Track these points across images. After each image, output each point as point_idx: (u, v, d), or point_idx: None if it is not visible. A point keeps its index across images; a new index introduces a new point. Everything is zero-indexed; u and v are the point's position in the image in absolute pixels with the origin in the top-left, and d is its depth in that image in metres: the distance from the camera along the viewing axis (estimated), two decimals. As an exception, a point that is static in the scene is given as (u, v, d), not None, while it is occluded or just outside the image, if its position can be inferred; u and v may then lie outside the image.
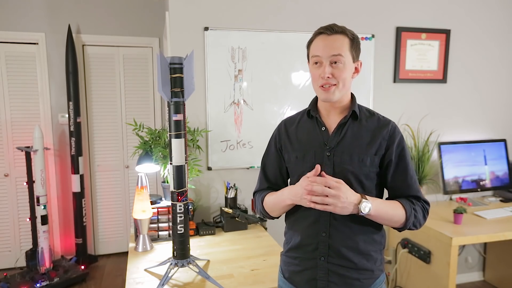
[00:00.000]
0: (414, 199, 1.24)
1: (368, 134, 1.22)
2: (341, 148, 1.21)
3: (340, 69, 1.17)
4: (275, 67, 2.48)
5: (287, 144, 1.32)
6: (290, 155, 1.30)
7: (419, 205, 1.24)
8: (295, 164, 1.28)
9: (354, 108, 1.23)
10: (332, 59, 1.17)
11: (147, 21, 3.62)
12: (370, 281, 1.23)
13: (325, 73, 1.17)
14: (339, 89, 1.19)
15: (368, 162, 1.19)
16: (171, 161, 1.62)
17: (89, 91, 3.57)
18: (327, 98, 1.20)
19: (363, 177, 1.20)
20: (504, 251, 3.00)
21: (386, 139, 1.21)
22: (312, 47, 1.22)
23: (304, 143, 1.27)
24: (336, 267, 1.21)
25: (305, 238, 1.25)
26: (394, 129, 1.23)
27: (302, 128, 1.31)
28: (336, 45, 1.17)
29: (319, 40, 1.20)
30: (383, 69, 2.73)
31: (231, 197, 2.29)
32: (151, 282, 1.62)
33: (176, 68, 1.57)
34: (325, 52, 1.17)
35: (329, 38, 1.18)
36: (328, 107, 1.25)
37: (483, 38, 2.93)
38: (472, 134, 3.00)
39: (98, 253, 3.74)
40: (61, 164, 3.55)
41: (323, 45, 1.18)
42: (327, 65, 1.17)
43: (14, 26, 3.30)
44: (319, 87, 1.20)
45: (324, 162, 1.21)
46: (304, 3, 2.50)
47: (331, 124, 1.25)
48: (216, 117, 2.41)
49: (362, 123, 1.24)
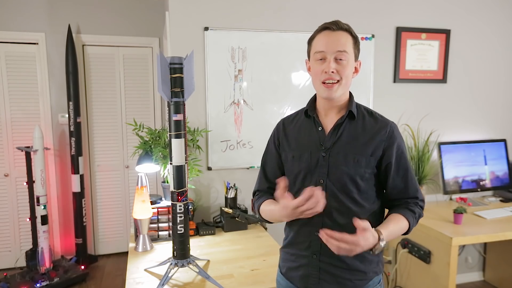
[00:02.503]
0: (412, 201, 1.25)
1: (365, 134, 1.20)
2: (336, 148, 1.20)
3: (344, 65, 1.16)
4: (275, 67, 2.48)
5: (284, 143, 1.32)
6: (287, 154, 1.30)
7: (418, 209, 1.24)
8: (291, 164, 1.28)
9: (351, 108, 1.22)
10: (337, 55, 1.16)
11: (147, 21, 3.62)
12: (363, 283, 1.23)
13: (330, 68, 1.15)
14: (342, 86, 1.18)
15: (364, 163, 1.18)
16: (171, 161, 1.62)
17: (89, 91, 3.57)
18: (329, 95, 1.18)
19: (358, 178, 1.19)
20: (504, 251, 3.00)
21: (384, 140, 1.20)
22: (316, 43, 1.20)
23: (301, 142, 1.27)
24: (328, 266, 1.21)
25: (300, 235, 1.26)
26: (393, 130, 1.22)
27: (300, 128, 1.30)
28: (341, 42, 1.16)
29: (324, 35, 1.18)
30: (383, 69, 2.73)
31: (231, 197, 2.29)
32: (151, 282, 1.62)
33: (176, 68, 1.57)
34: (330, 48, 1.16)
35: (334, 34, 1.17)
36: (327, 106, 1.24)
37: (483, 38, 2.93)
38: (472, 134, 3.00)
39: (98, 253, 3.74)
40: (61, 164, 3.55)
41: (328, 41, 1.16)
42: (331, 60, 1.16)
43: (14, 26, 3.30)
44: (321, 83, 1.19)
45: (320, 163, 1.21)
46: (304, 3, 2.50)
47: (328, 124, 1.25)
48: (216, 117, 2.41)
49: (359, 123, 1.23)
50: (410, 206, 1.24)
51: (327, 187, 1.20)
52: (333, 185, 1.20)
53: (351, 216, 1.17)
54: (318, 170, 1.21)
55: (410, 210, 1.23)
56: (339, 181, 1.19)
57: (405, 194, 1.25)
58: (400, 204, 1.27)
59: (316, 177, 1.22)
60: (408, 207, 1.24)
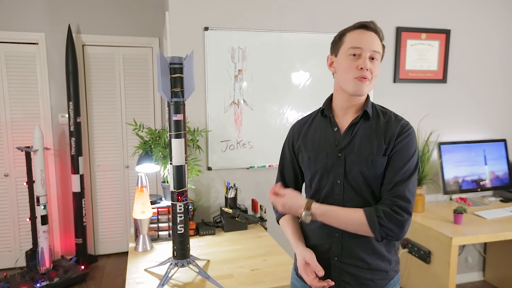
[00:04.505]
0: (387, 203, 1.13)
1: (379, 134, 1.19)
2: (351, 148, 1.20)
3: (376, 65, 1.18)
4: (275, 67, 2.48)
5: (301, 145, 1.32)
6: (303, 155, 1.30)
7: (387, 209, 1.11)
8: (308, 165, 1.29)
9: (366, 108, 1.21)
10: (372, 55, 1.16)
11: (147, 21, 3.62)
12: (384, 282, 1.22)
13: (366, 65, 1.15)
14: (371, 85, 1.19)
15: (378, 163, 1.17)
16: (171, 161, 1.62)
17: (89, 91, 3.57)
18: (358, 91, 1.17)
19: (374, 178, 1.18)
20: (504, 251, 3.00)
21: (395, 136, 1.18)
22: (351, 38, 1.19)
23: (317, 143, 1.27)
24: (350, 267, 1.21)
25: (318, 238, 1.25)
26: (403, 128, 1.18)
27: (316, 128, 1.30)
28: (376, 42, 1.17)
29: (360, 33, 1.18)
30: (383, 69, 2.73)
31: (231, 197, 2.29)
32: (151, 282, 1.62)
33: (176, 68, 1.57)
34: (367, 45, 1.16)
35: (370, 33, 1.17)
36: (345, 105, 1.23)
37: (483, 38, 2.93)
38: (472, 134, 3.00)
39: (98, 253, 3.74)
40: (61, 164, 3.55)
41: (365, 38, 1.17)
42: (367, 57, 1.16)
43: (14, 26, 3.30)
44: (353, 78, 1.17)
45: (336, 163, 1.21)
46: (304, 3, 2.50)
47: (343, 124, 1.25)
48: (216, 117, 2.41)
49: (373, 123, 1.21)
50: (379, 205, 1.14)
51: (345, 187, 1.20)
52: (350, 185, 1.20)
53: None
54: (334, 170, 1.21)
55: (375, 208, 1.13)
56: (355, 180, 1.18)
57: (388, 187, 1.15)
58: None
59: (333, 177, 1.22)
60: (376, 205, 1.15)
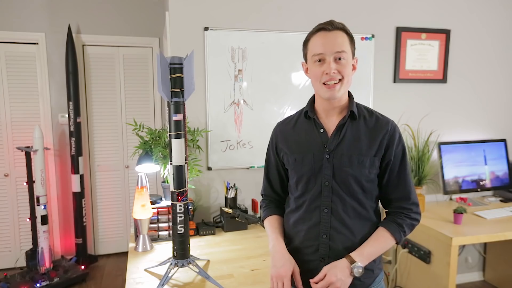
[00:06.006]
0: (403, 211, 1.23)
1: (367, 135, 1.20)
2: (340, 150, 1.20)
3: (344, 64, 1.16)
4: (275, 67, 2.48)
5: (284, 147, 1.31)
6: (288, 157, 1.29)
7: (408, 221, 1.22)
8: (294, 167, 1.27)
9: (352, 108, 1.22)
10: (336, 56, 1.15)
11: (147, 21, 3.62)
12: (370, 280, 1.24)
13: (331, 69, 1.14)
14: (344, 85, 1.17)
15: (368, 164, 1.18)
16: (171, 161, 1.62)
17: (89, 91, 3.57)
18: (331, 96, 1.17)
19: (363, 179, 1.19)
20: (504, 251, 3.00)
21: (386, 139, 1.20)
22: (312, 45, 1.19)
23: (302, 145, 1.26)
24: None
25: (306, 240, 1.25)
26: (394, 128, 1.22)
27: (300, 129, 1.29)
28: (339, 41, 1.15)
29: (320, 37, 1.17)
30: (383, 69, 2.73)
31: (231, 197, 2.29)
32: (151, 282, 1.62)
33: (176, 68, 1.57)
34: (328, 49, 1.15)
35: (330, 34, 1.16)
36: (327, 107, 1.23)
37: (483, 38, 2.93)
38: (472, 134, 3.00)
39: (98, 253, 3.74)
40: (61, 164, 3.55)
41: (325, 42, 1.15)
42: (331, 61, 1.15)
43: (14, 26, 3.30)
44: (322, 84, 1.17)
45: (324, 165, 1.21)
46: (304, 3, 2.50)
47: (329, 125, 1.24)
48: (216, 117, 2.41)
49: (360, 124, 1.22)
50: (398, 219, 1.22)
51: (333, 189, 1.20)
52: (339, 186, 1.20)
53: (357, 216, 1.18)
54: (322, 172, 1.21)
55: (398, 224, 1.21)
56: (344, 182, 1.19)
57: (397, 193, 1.23)
58: (390, 212, 1.26)
59: (321, 180, 1.21)
60: (396, 220, 1.22)
